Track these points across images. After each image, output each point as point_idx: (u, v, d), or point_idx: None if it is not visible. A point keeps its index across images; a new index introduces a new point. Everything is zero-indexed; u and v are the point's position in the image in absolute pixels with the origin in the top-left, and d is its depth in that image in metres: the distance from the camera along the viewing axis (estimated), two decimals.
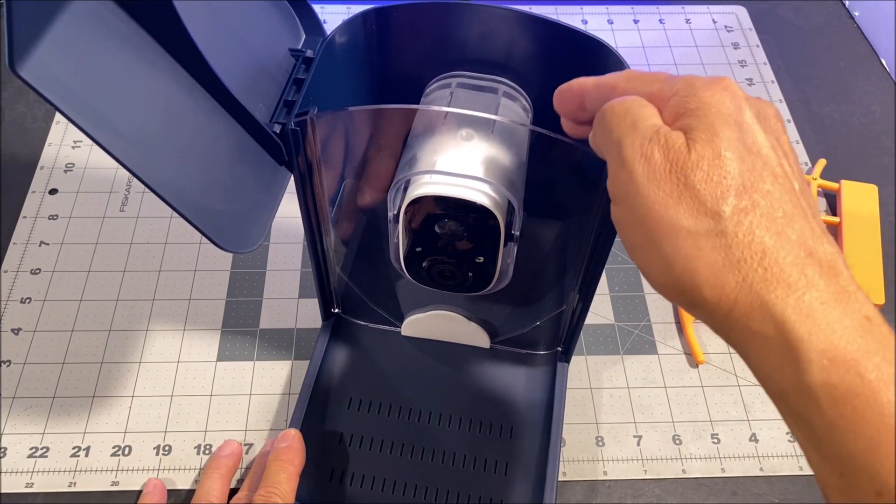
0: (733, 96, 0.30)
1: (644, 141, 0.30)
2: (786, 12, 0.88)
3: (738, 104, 0.30)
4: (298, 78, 0.43)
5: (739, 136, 0.29)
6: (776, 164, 0.30)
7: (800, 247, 0.28)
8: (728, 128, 0.29)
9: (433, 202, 0.40)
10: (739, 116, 0.30)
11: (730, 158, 0.29)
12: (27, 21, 0.30)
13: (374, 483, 0.51)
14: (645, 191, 0.29)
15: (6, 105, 0.75)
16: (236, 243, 0.41)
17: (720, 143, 0.29)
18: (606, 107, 0.32)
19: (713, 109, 0.30)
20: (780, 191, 0.29)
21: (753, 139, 0.30)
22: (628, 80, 0.33)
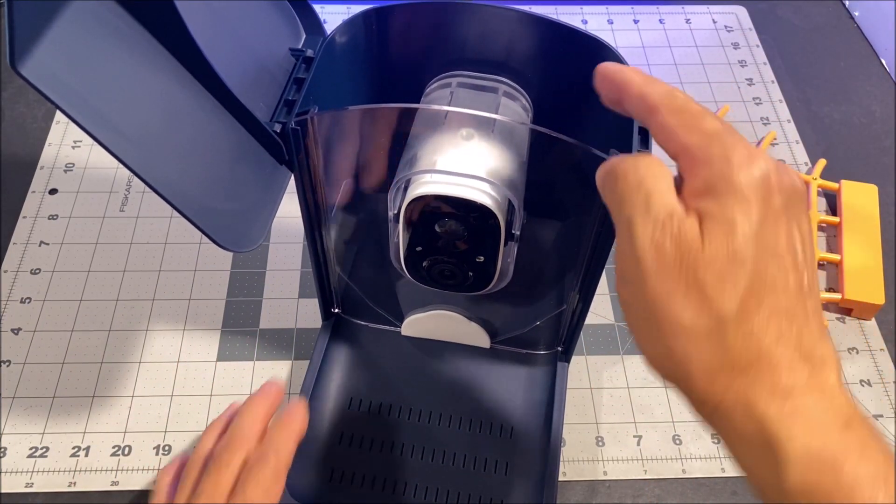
0: (765, 182, 0.29)
1: (657, 228, 0.29)
2: (786, 12, 0.88)
3: (769, 191, 0.29)
4: (299, 77, 0.43)
5: (759, 233, 0.28)
6: (790, 262, 0.29)
7: (794, 349, 0.28)
8: (749, 223, 0.28)
9: (433, 201, 0.40)
10: (766, 208, 0.28)
11: (744, 259, 0.28)
12: (28, 20, 0.30)
13: (374, 483, 0.50)
14: (653, 282, 0.29)
15: (6, 105, 0.75)
16: (236, 242, 0.41)
17: (737, 243, 0.28)
18: (619, 169, 0.31)
19: (741, 197, 0.28)
20: (788, 292, 0.28)
21: (774, 236, 0.29)
22: (671, 111, 0.31)
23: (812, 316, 0.29)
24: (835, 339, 0.61)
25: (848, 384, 0.59)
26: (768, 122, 0.77)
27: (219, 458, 0.41)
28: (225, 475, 0.40)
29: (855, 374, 0.59)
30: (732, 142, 0.29)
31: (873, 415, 0.57)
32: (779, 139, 0.75)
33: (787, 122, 0.76)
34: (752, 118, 0.77)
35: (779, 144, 0.75)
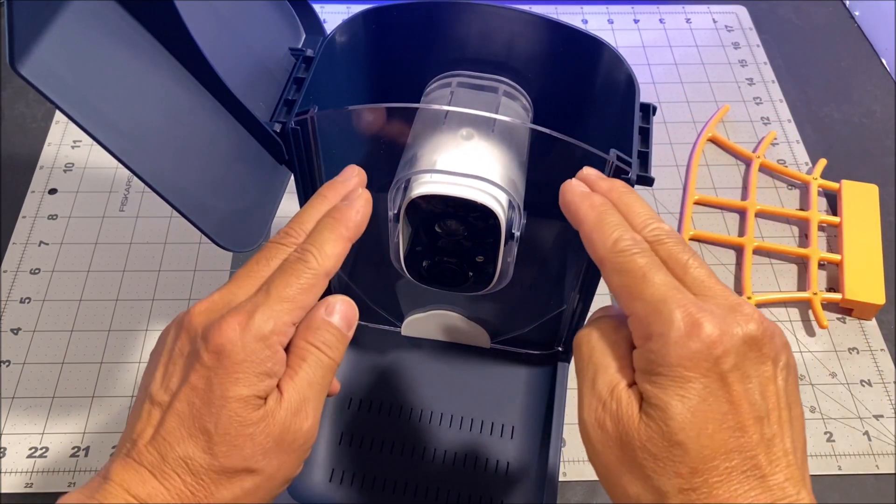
0: (708, 351, 0.29)
1: (599, 405, 0.31)
2: (786, 12, 0.88)
3: (714, 359, 0.29)
4: (299, 77, 0.43)
5: (700, 409, 0.29)
6: (745, 420, 0.29)
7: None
8: (686, 405, 0.29)
9: (433, 201, 0.40)
10: (710, 377, 0.29)
11: (681, 442, 0.29)
12: (28, 19, 0.30)
13: (374, 483, 0.50)
14: (599, 455, 0.31)
15: (6, 105, 0.75)
16: (236, 242, 0.41)
17: (673, 427, 0.29)
18: (576, 341, 0.34)
19: (678, 378, 0.29)
20: (742, 452, 0.29)
21: (723, 402, 0.29)
22: (614, 270, 0.32)
23: (778, 462, 0.29)
24: (835, 340, 0.61)
25: (848, 384, 0.59)
26: (769, 122, 0.76)
27: (262, 251, 0.37)
28: (262, 268, 0.36)
29: (855, 374, 0.59)
30: (671, 312, 0.30)
31: (873, 415, 0.57)
32: (779, 139, 0.75)
33: (788, 122, 0.76)
34: (753, 118, 0.77)
35: (779, 144, 0.75)
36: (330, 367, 0.35)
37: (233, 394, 0.32)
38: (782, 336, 0.31)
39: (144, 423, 0.33)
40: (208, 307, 0.34)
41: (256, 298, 0.34)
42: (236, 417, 0.32)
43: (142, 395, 0.35)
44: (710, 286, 0.32)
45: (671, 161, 0.73)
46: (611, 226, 0.33)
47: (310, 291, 0.35)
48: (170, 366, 0.34)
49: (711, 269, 0.33)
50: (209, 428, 0.32)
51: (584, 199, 0.35)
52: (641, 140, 0.40)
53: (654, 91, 0.79)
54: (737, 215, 0.69)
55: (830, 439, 0.56)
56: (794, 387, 0.31)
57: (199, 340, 0.33)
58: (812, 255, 0.65)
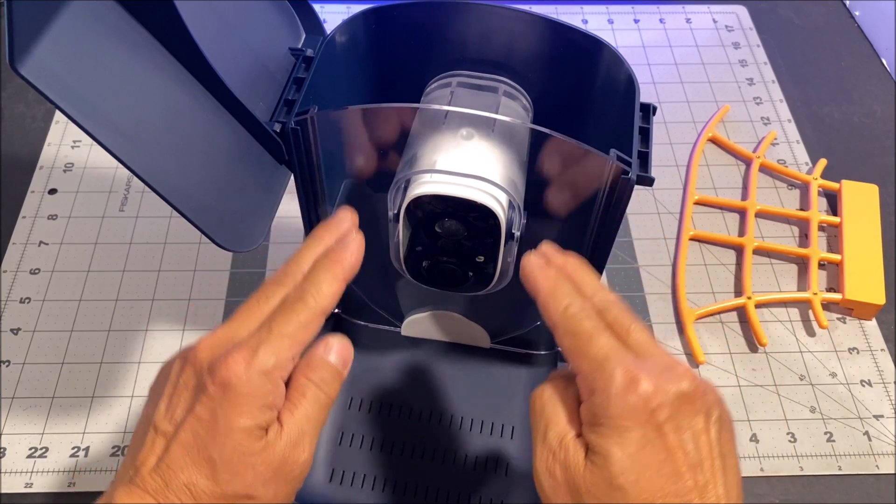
0: (645, 404, 0.32)
1: (549, 455, 0.34)
2: (786, 12, 0.88)
3: (650, 412, 0.32)
4: (299, 77, 0.43)
5: (639, 456, 0.32)
6: (680, 466, 0.32)
7: None
8: (625, 452, 0.32)
9: (433, 201, 0.40)
10: (647, 428, 0.32)
11: (621, 485, 0.32)
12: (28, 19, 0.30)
13: (374, 483, 0.50)
14: (551, 501, 0.34)
15: (6, 105, 0.75)
16: (236, 242, 0.41)
17: (614, 473, 0.32)
18: (531, 399, 0.37)
19: (618, 428, 0.33)
20: (679, 495, 0.32)
21: (659, 450, 0.32)
22: (565, 333, 0.36)
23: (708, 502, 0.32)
24: (835, 340, 0.61)
25: (848, 384, 0.59)
26: (769, 122, 0.76)
27: (261, 290, 0.38)
28: (262, 306, 0.37)
29: (855, 374, 0.59)
30: (612, 370, 0.33)
31: (873, 415, 0.57)
32: (779, 139, 0.75)
33: (788, 122, 0.76)
34: (753, 118, 0.77)
35: (779, 144, 0.75)
36: (326, 404, 0.37)
37: (237, 425, 0.34)
38: (715, 393, 0.35)
39: (148, 451, 0.35)
40: (213, 343, 0.36)
41: (259, 335, 0.35)
42: (240, 447, 0.34)
43: (144, 426, 0.36)
44: (650, 348, 0.35)
45: (671, 161, 0.73)
46: (563, 294, 0.37)
47: (308, 329, 0.36)
48: (174, 398, 0.36)
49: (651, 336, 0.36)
50: (213, 456, 0.34)
51: (540, 271, 0.38)
52: (641, 140, 0.40)
53: (654, 91, 0.79)
54: (737, 215, 0.69)
55: (830, 439, 0.56)
56: (727, 439, 0.34)
57: (205, 374, 0.35)
58: (812, 255, 0.65)
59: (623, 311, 0.36)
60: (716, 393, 0.35)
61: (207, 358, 0.35)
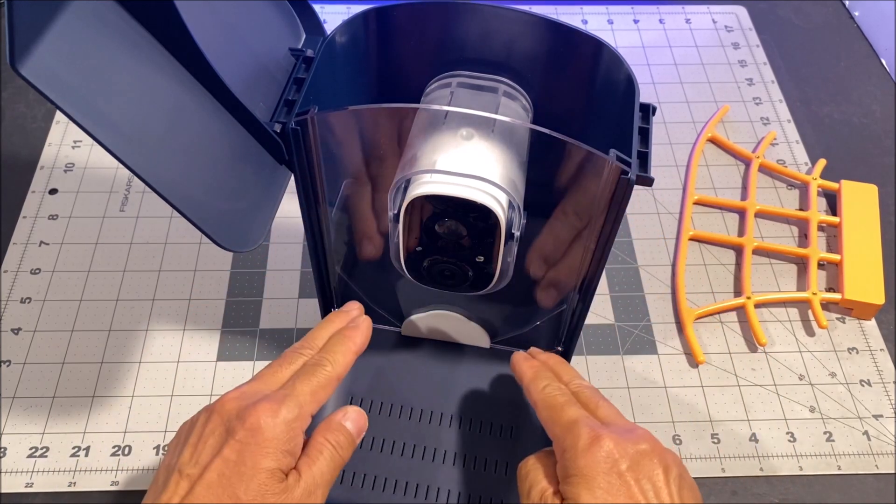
0: (608, 457, 0.39)
1: None
2: (786, 12, 0.88)
3: (613, 463, 0.39)
4: (299, 77, 0.43)
5: (605, 498, 0.38)
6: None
7: None
8: (592, 496, 0.38)
9: (433, 201, 0.40)
10: (611, 476, 0.38)
11: None
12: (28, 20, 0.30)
13: (374, 483, 0.50)
14: None
15: (6, 105, 0.75)
16: (237, 242, 0.41)
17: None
18: (518, 467, 0.44)
19: (586, 478, 0.38)
20: None
21: (621, 495, 0.38)
22: (543, 407, 0.43)
23: None
24: (835, 340, 0.61)
25: (848, 384, 0.59)
26: (768, 122, 0.77)
27: (282, 357, 0.45)
28: (284, 370, 0.43)
29: (855, 374, 0.59)
30: (579, 431, 0.40)
31: (873, 415, 0.57)
32: (779, 139, 0.75)
33: (788, 122, 0.77)
34: (753, 118, 0.77)
35: (779, 144, 0.75)
36: (339, 465, 0.42)
37: (263, 465, 0.38)
38: (674, 455, 0.41)
39: (171, 493, 0.38)
40: (239, 395, 0.41)
41: (283, 391, 0.41)
42: (264, 486, 0.38)
43: (165, 473, 0.40)
44: (615, 419, 0.42)
45: (671, 161, 0.73)
46: (543, 378, 0.46)
47: (325, 389, 0.42)
48: (199, 445, 0.40)
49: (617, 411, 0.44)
50: (239, 494, 0.38)
51: (525, 361, 0.48)
52: (641, 140, 0.40)
53: (654, 91, 0.79)
54: (736, 215, 0.69)
55: (830, 439, 0.56)
56: (690, 494, 0.40)
57: (234, 420, 0.39)
58: (812, 255, 0.65)
59: (595, 393, 0.45)
60: (675, 455, 0.41)
61: (235, 408, 0.40)
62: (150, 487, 0.41)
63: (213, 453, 0.39)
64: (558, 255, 0.48)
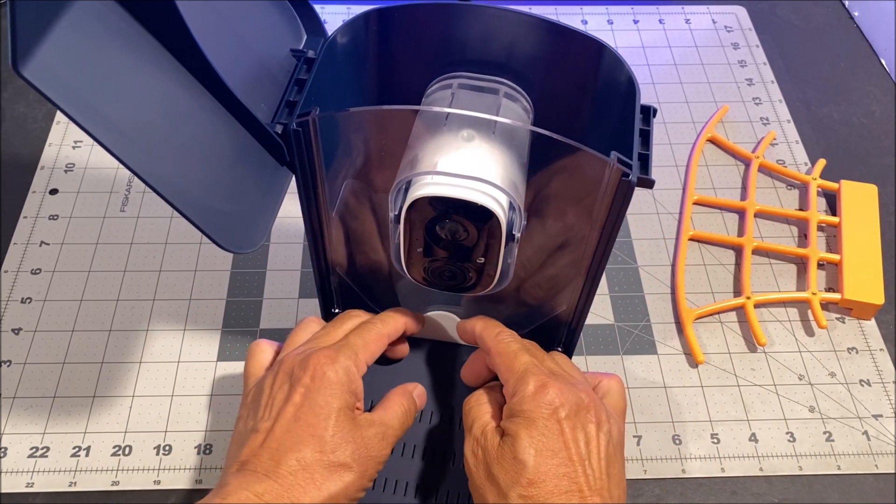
0: (550, 404, 0.42)
1: (474, 441, 0.44)
2: (786, 12, 0.88)
3: (553, 410, 0.42)
4: (300, 78, 0.43)
5: (541, 442, 0.41)
6: (573, 455, 0.41)
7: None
8: (530, 437, 0.41)
9: (434, 203, 0.40)
10: (550, 422, 0.41)
11: (523, 459, 0.40)
12: (30, 21, 0.30)
13: (374, 483, 0.50)
14: (473, 476, 0.43)
15: (6, 105, 0.75)
16: (238, 243, 0.41)
17: (519, 447, 0.41)
18: (464, 402, 0.47)
19: (527, 419, 0.41)
20: (568, 477, 0.40)
21: (556, 441, 0.41)
22: (496, 353, 0.46)
23: (596, 492, 0.40)
24: (834, 340, 0.61)
25: (847, 384, 0.59)
26: (768, 123, 0.77)
27: (334, 320, 0.50)
28: (337, 329, 0.48)
29: (854, 374, 0.59)
30: (528, 379, 0.43)
31: (872, 415, 0.57)
32: (778, 139, 0.75)
33: (787, 123, 0.77)
34: (752, 118, 0.77)
35: (779, 144, 0.75)
36: (406, 425, 0.48)
37: (336, 404, 0.42)
38: (609, 414, 0.44)
39: (254, 447, 0.42)
40: (299, 352, 0.46)
41: (338, 343, 0.46)
42: (340, 424, 0.42)
43: (240, 435, 0.44)
44: (563, 369, 0.46)
45: (671, 161, 0.73)
46: (495, 326, 0.48)
47: (378, 343, 0.48)
48: (270, 400, 0.43)
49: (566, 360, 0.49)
50: (319, 432, 0.41)
51: (474, 318, 0.50)
52: (642, 142, 0.40)
53: (654, 91, 0.79)
54: (736, 215, 0.69)
55: (830, 439, 0.56)
56: (613, 451, 0.42)
57: (297, 370, 0.44)
58: (811, 255, 0.65)
59: (539, 348, 0.48)
60: (610, 414, 0.44)
61: (296, 360, 0.44)
62: (230, 449, 0.44)
63: (283, 400, 0.43)
64: (558, 255, 0.48)
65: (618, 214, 0.41)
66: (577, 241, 0.45)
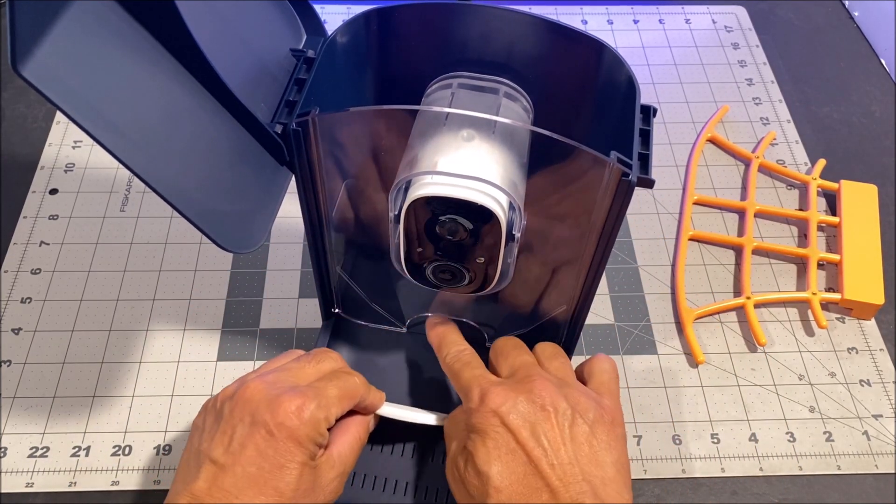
0: (497, 412, 0.42)
1: (451, 464, 0.44)
2: (786, 12, 0.88)
3: (502, 416, 0.41)
4: (300, 78, 0.43)
5: (495, 448, 0.41)
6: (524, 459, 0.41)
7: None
8: (485, 446, 0.41)
9: (434, 203, 0.40)
10: (500, 427, 0.41)
11: (485, 471, 0.41)
12: (30, 21, 0.30)
13: (374, 483, 0.51)
14: (455, 493, 0.43)
15: (6, 105, 0.75)
16: (238, 243, 0.41)
17: (479, 460, 0.41)
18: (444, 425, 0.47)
19: (478, 432, 0.42)
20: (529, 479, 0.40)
21: (511, 444, 0.41)
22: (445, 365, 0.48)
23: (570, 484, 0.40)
24: (834, 340, 0.61)
25: (847, 384, 0.59)
26: (768, 123, 0.77)
27: (309, 354, 0.48)
28: (311, 367, 0.46)
29: (854, 374, 0.59)
30: (471, 391, 0.44)
31: (872, 415, 0.57)
32: (778, 139, 0.75)
33: (787, 123, 0.77)
34: (752, 118, 0.77)
35: (778, 144, 0.75)
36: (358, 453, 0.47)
37: (300, 458, 0.41)
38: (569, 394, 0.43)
39: (208, 482, 0.40)
40: (265, 385, 0.43)
41: (313, 388, 0.44)
42: (304, 477, 0.41)
43: (195, 457, 0.42)
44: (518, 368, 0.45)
45: (671, 161, 0.73)
46: (445, 345, 0.49)
47: (351, 400, 0.45)
48: (229, 431, 0.41)
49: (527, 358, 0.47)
50: (280, 486, 0.40)
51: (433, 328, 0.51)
52: (642, 142, 0.40)
53: (654, 91, 0.79)
54: (736, 215, 0.69)
55: (830, 439, 0.56)
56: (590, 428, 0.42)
57: (263, 411, 0.41)
58: (811, 255, 0.65)
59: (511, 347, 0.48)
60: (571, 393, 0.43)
61: (263, 397, 0.42)
62: (179, 472, 0.43)
63: (242, 444, 0.41)
64: (558, 255, 0.48)
65: (618, 214, 0.41)
66: (576, 240, 0.45)
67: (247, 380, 0.44)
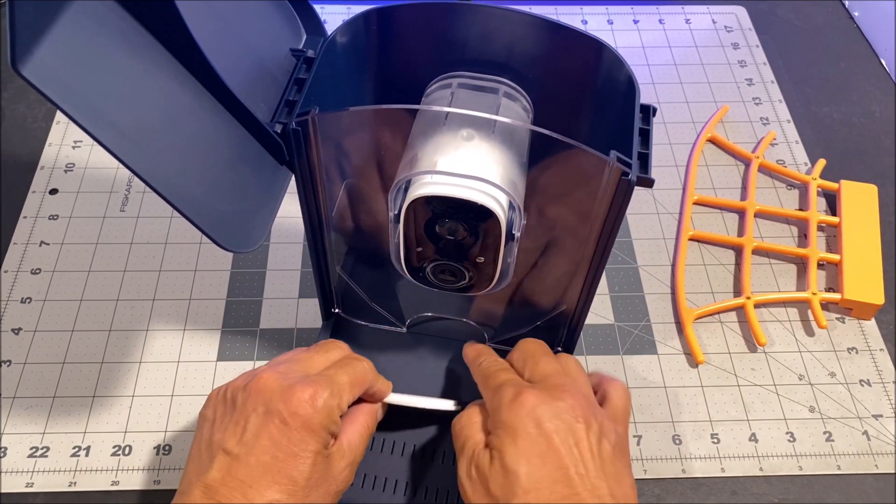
0: (530, 413, 0.41)
1: (467, 461, 0.43)
2: (786, 12, 0.88)
3: (536, 419, 0.41)
4: (300, 78, 0.43)
5: (528, 448, 0.40)
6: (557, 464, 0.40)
7: None
8: (516, 448, 0.40)
9: (434, 202, 0.40)
10: (534, 429, 0.41)
11: (514, 470, 0.40)
12: (29, 20, 0.30)
13: (374, 483, 0.51)
14: (470, 496, 0.42)
15: (6, 105, 0.75)
16: (238, 243, 0.41)
17: (508, 458, 0.40)
18: (452, 424, 0.46)
19: (509, 430, 0.41)
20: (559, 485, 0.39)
21: (544, 447, 0.40)
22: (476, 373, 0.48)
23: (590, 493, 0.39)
24: (834, 340, 0.61)
25: (847, 384, 0.59)
26: (768, 123, 0.77)
27: (317, 345, 0.48)
28: (320, 356, 0.47)
29: (854, 374, 0.59)
30: (504, 390, 0.43)
31: (872, 415, 0.57)
32: (778, 139, 0.75)
33: (787, 123, 0.77)
34: (752, 118, 0.77)
35: (778, 144, 0.75)
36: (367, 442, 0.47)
37: (313, 447, 0.41)
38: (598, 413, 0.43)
39: (221, 471, 0.40)
40: (277, 375, 0.43)
41: (324, 377, 0.44)
42: (317, 466, 0.41)
43: (206, 448, 0.42)
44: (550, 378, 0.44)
45: (671, 161, 0.73)
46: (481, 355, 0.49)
47: (361, 386, 0.46)
48: (242, 422, 0.42)
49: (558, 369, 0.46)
50: (293, 474, 0.41)
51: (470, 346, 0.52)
52: (642, 141, 0.40)
53: (654, 91, 0.79)
54: (736, 215, 0.69)
55: (830, 439, 0.56)
56: (613, 449, 0.42)
57: (276, 401, 0.42)
58: (811, 255, 0.65)
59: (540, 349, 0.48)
60: (600, 413, 0.43)
61: (276, 387, 0.42)
62: (190, 464, 0.43)
63: (256, 434, 0.41)
64: (558, 255, 0.48)
65: (618, 214, 0.41)
66: (576, 240, 0.45)
67: (258, 371, 0.44)
